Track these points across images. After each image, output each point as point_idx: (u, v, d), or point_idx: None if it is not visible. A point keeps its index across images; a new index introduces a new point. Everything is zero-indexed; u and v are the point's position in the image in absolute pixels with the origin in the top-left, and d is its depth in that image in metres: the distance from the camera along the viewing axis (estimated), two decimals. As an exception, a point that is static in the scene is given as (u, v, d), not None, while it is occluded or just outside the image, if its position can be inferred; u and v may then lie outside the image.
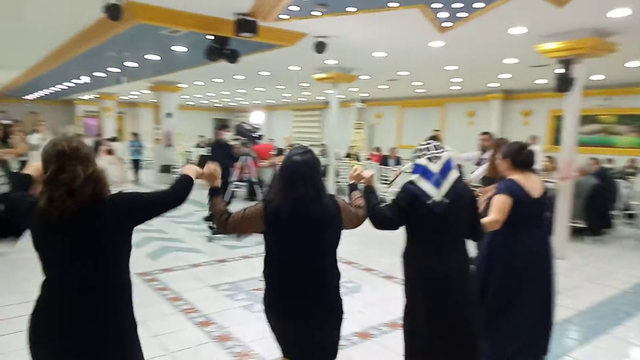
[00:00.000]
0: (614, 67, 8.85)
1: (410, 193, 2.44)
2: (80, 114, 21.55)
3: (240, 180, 6.92)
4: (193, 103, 22.48)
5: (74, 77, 12.24)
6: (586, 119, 11.61)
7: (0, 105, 17.74)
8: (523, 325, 2.96)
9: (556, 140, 11.46)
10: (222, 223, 2.20)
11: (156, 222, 6.86)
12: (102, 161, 13.95)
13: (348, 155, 13.59)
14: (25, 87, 15.18)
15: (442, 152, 2.49)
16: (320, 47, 6.92)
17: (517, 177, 3.01)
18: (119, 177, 13.29)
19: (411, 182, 2.49)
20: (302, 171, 2.08)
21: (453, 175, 2.46)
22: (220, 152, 6.74)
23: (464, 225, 2.51)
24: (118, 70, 10.41)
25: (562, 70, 6.41)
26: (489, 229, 2.92)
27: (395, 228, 2.47)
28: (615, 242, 7.28)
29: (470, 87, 13.39)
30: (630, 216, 8.24)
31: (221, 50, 6.38)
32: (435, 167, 2.45)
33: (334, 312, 2.17)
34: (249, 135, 6.47)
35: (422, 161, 2.49)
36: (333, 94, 10.32)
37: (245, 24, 5.63)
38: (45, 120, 8.44)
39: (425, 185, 2.43)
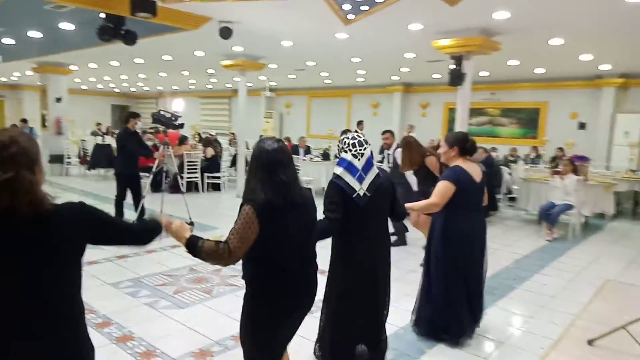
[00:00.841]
0: (498, 64, 9.76)
1: (339, 187, 2.61)
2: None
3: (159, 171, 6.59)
4: (87, 87, 20.70)
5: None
6: (475, 112, 12.74)
7: None
8: (462, 294, 3.33)
9: (450, 131, 12.41)
10: (227, 257, 1.94)
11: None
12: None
13: (259, 145, 13.45)
14: None
15: (365, 149, 2.67)
16: (225, 32, 6.72)
17: (462, 163, 3.32)
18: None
19: (337, 177, 2.64)
20: (280, 158, 2.04)
21: (374, 171, 2.68)
22: (132, 142, 6.34)
23: (386, 211, 2.81)
24: (-6, 47, 9.23)
25: (454, 66, 6.92)
26: (427, 210, 3.33)
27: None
28: (499, 222, 8.07)
29: (374, 79, 13.94)
30: (512, 199, 9.20)
31: (116, 30, 5.91)
32: (359, 164, 2.64)
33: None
34: (169, 123, 6.15)
35: (348, 156, 2.66)
36: (241, 81, 10.13)
37: (142, 3, 5.29)
38: None
39: (350, 180, 2.61)
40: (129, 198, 6.46)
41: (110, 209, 7.61)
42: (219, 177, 10.45)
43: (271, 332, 2.10)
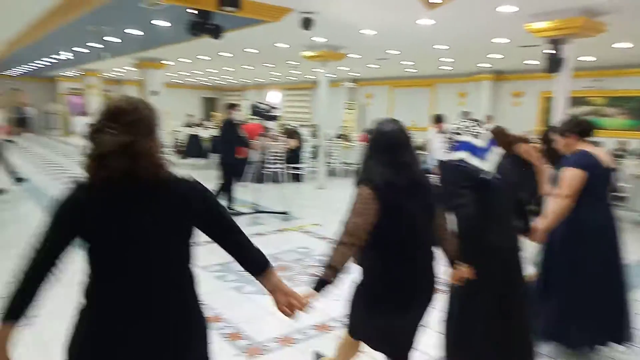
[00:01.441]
0: (603, 48, 8.76)
1: (464, 171, 2.36)
2: (63, 91, 21.04)
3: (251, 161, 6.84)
4: (180, 81, 22.07)
5: (53, 52, 11.89)
6: (576, 101, 11.56)
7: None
8: (586, 302, 2.82)
9: (546, 122, 11.44)
10: (348, 241, 1.86)
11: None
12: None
13: (339, 136, 13.47)
14: (5, 62, 14.73)
15: (482, 129, 2.45)
16: (306, 23, 6.72)
17: (587, 147, 2.90)
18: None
19: (460, 161, 2.40)
20: (399, 139, 1.97)
21: (496, 150, 2.42)
22: (232, 132, 6.66)
23: (512, 201, 2.45)
24: (99, 45, 10.10)
25: (552, 51, 6.31)
26: (561, 214, 2.79)
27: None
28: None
29: (460, 68, 13.25)
30: (620, 199, 8.25)
31: (204, 24, 6.17)
32: (480, 142, 2.41)
33: None
34: (265, 114, 6.35)
35: (466, 137, 2.43)
36: (322, 72, 10.12)
37: (228, -3, 5.43)
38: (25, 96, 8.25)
39: (475, 161, 2.37)
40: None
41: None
42: (300, 168, 10.61)
43: (389, 327, 2.01)
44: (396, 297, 1.94)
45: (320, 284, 1.86)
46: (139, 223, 1.39)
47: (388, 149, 1.93)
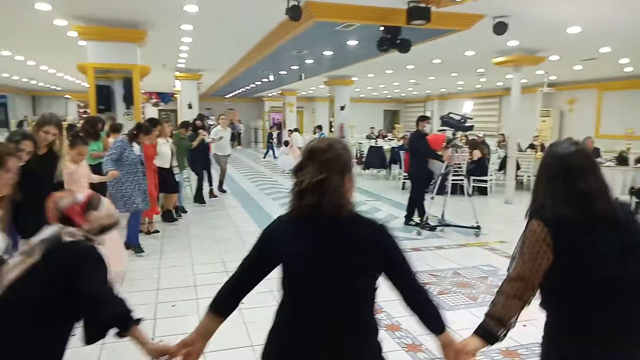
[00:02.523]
0: None
1: None
2: (267, 109, 24.12)
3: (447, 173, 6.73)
4: (364, 95, 23.07)
5: (262, 76, 13.70)
6: None
7: (207, 103, 20.95)
8: None
9: None
10: (518, 290, 1.62)
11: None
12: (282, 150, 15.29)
13: (531, 147, 12.30)
14: (224, 87, 17.63)
15: None
16: (500, 28, 6.35)
17: None
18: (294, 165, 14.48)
19: None
20: (578, 163, 1.62)
21: None
22: (423, 144, 6.74)
23: None
24: (298, 67, 11.27)
25: None
26: None
27: None
28: None
29: (700, 61, 10.72)
30: None
31: (392, 40, 6.35)
32: None
33: None
34: (459, 125, 6.25)
35: None
36: (514, 78, 9.42)
37: (417, 11, 5.47)
38: (225, 115, 9.71)
39: None
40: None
41: (390, 209, 8.26)
42: (485, 181, 9.99)
43: None
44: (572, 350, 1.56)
45: (489, 336, 1.63)
46: (322, 256, 1.47)
47: (562, 175, 1.61)
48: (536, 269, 1.56)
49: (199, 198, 8.47)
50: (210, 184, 9.05)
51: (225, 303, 1.59)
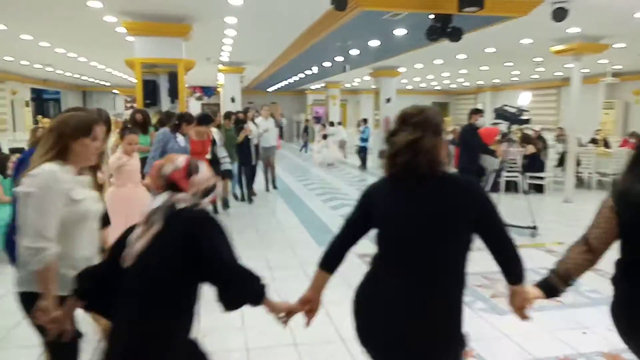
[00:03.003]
0: None
1: None
2: (310, 102, 23.98)
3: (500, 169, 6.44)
4: (412, 87, 22.48)
5: (305, 68, 13.56)
6: None
7: (249, 97, 21.08)
8: None
9: None
10: (583, 250, 1.85)
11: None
12: (318, 144, 15.14)
13: (593, 141, 11.50)
14: (267, 80, 17.65)
15: None
16: (560, 14, 5.91)
17: None
18: (332, 158, 14.26)
19: None
20: None
21: None
22: (475, 138, 6.45)
23: None
24: (342, 58, 11.03)
25: None
26: None
27: None
28: None
29: None
30: None
31: (443, 29, 6.01)
32: None
33: None
34: (514, 118, 5.92)
35: None
36: (575, 68, 8.80)
37: (472, -3, 5.12)
38: (268, 107, 9.62)
39: None
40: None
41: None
42: (542, 178, 9.42)
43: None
44: None
45: (550, 290, 1.86)
46: (418, 212, 1.57)
47: None
48: (596, 227, 1.76)
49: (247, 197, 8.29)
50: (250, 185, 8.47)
51: (332, 260, 1.79)
